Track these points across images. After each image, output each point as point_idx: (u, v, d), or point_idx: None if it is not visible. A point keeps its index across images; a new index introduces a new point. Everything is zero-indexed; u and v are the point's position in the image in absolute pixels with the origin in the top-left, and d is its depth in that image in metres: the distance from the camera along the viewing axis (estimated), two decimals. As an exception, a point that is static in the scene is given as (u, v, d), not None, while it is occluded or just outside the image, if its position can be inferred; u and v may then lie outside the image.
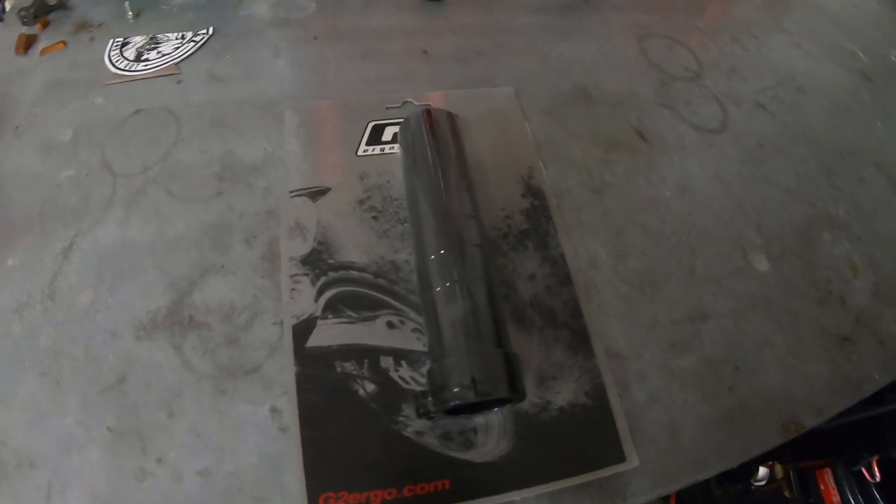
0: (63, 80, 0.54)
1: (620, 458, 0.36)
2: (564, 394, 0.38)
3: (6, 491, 0.34)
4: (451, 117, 0.46)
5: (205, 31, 0.57)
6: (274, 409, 0.37)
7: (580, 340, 0.40)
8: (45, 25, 0.57)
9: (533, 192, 0.47)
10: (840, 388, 0.41)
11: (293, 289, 0.41)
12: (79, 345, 0.39)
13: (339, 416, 0.36)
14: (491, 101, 0.53)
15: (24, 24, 0.56)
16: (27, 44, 0.55)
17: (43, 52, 0.55)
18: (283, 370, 0.38)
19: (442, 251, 0.36)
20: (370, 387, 0.37)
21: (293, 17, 0.60)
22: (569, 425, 0.37)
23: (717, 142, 0.54)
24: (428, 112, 0.45)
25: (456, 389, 0.30)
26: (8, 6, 0.58)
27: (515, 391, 0.31)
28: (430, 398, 0.32)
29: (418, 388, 0.36)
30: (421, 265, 0.38)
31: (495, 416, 0.37)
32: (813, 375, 0.41)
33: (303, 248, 0.43)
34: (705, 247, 0.46)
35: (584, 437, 0.36)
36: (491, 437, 0.36)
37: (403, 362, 0.38)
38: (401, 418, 0.36)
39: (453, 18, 0.62)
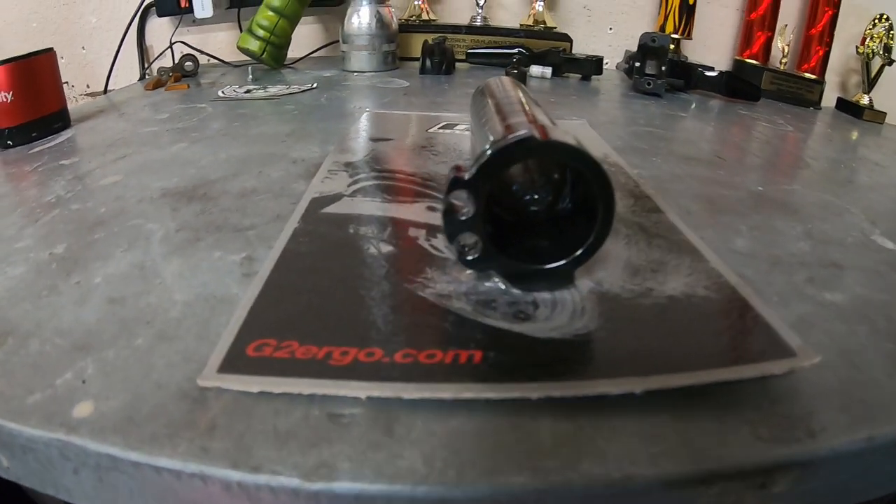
0: (176, 99, 0.63)
1: (785, 351, 0.20)
2: (673, 284, 0.24)
3: None
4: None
5: (310, 85, 0.67)
6: (249, 258, 0.27)
7: (683, 248, 0.28)
8: (178, 80, 0.70)
9: (609, 163, 0.41)
10: None
11: (327, 177, 0.35)
12: (78, 203, 0.34)
13: (329, 267, 0.25)
14: (570, 129, 0.53)
15: (162, 78, 0.69)
16: (157, 84, 0.67)
17: (168, 88, 0.67)
18: (283, 231, 0.29)
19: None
20: (386, 248, 0.27)
21: (389, 87, 0.69)
22: (687, 314, 0.22)
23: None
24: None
25: (513, 133, 0.20)
26: (150, 73, 0.74)
27: (589, 156, 0.21)
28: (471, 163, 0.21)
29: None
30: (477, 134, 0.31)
31: (568, 294, 0.23)
32: None
33: (351, 157, 0.38)
34: (815, 223, 0.36)
35: (717, 328, 0.21)
36: (560, 314, 0.22)
37: (440, 235, 0.28)
38: (419, 279, 0.24)
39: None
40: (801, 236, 0.33)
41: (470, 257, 0.22)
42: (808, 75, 0.81)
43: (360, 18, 0.73)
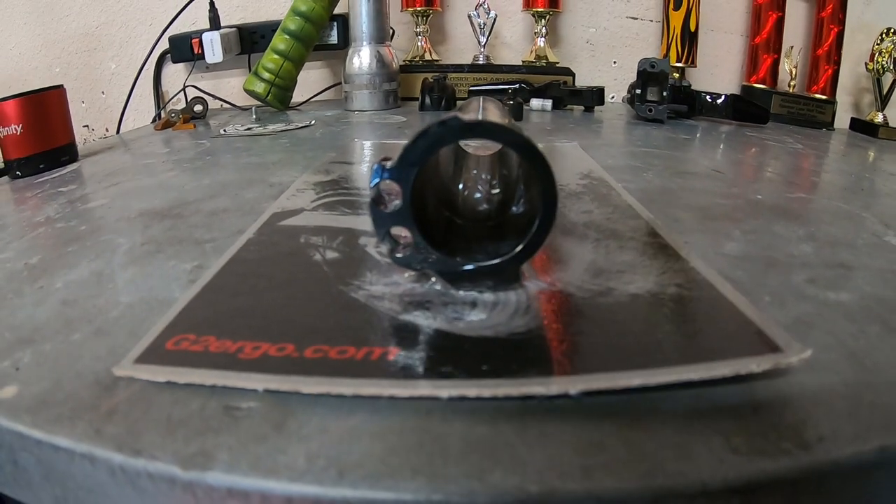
0: (181, 137, 0.66)
1: (767, 346, 0.17)
2: (640, 283, 0.22)
3: None
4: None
5: (308, 122, 0.69)
6: (199, 267, 0.27)
7: (659, 250, 0.26)
8: (187, 121, 0.73)
9: (592, 177, 0.40)
10: None
11: (294, 195, 0.35)
12: (63, 222, 0.36)
13: (270, 272, 0.24)
14: (557, 149, 0.52)
15: (171, 119, 0.72)
16: (165, 125, 0.71)
17: (175, 128, 0.70)
18: (236, 242, 0.29)
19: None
20: (331, 255, 0.26)
21: (386, 123, 0.71)
22: (650, 311, 0.20)
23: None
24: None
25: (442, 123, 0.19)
26: (163, 114, 0.77)
27: (516, 133, 0.19)
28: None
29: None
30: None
31: (513, 295, 0.22)
32: None
33: (322, 178, 0.38)
34: (821, 226, 0.33)
35: (684, 325, 0.19)
36: (499, 313, 0.20)
37: (389, 242, 0.27)
38: (356, 282, 0.23)
39: (525, 126, 0.68)
40: (803, 239, 0.31)
41: (400, 254, 0.21)
42: (818, 96, 0.79)
43: (361, 58, 0.76)
